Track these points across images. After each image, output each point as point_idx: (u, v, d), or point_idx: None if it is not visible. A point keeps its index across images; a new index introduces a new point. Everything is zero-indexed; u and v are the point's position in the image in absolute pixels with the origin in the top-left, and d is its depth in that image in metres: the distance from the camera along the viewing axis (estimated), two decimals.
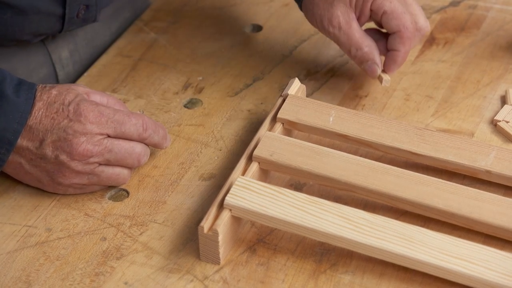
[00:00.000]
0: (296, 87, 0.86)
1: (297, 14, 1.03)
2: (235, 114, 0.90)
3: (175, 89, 0.94)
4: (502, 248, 0.73)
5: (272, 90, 0.93)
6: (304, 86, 0.88)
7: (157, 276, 0.74)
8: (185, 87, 0.94)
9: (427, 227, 0.74)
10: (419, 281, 0.72)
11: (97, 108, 0.78)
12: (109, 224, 0.78)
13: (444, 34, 0.99)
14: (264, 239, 0.76)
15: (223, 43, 1.00)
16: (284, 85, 0.93)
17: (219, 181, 0.82)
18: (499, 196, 0.76)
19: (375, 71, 0.87)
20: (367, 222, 0.72)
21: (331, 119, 0.83)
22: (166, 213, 0.80)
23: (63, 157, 0.77)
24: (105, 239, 0.77)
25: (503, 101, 0.90)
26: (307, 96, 0.91)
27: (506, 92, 0.90)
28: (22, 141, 0.77)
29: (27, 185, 0.82)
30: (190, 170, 0.84)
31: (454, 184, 0.76)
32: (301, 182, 0.82)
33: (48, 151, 0.77)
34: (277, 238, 0.76)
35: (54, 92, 0.78)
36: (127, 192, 0.82)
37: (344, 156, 0.79)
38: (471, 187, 0.77)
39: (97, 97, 0.80)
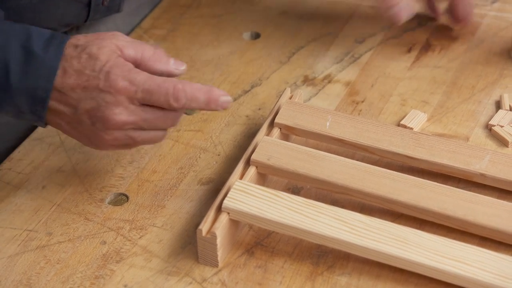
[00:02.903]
0: (286, 96, 0.87)
1: (295, 21, 1.04)
2: (233, 119, 0.91)
3: None
4: (496, 249, 0.74)
5: (270, 96, 0.94)
6: (301, 91, 0.89)
7: (156, 278, 0.75)
8: None
9: (423, 230, 0.75)
10: (414, 283, 0.73)
11: (129, 75, 0.74)
12: (109, 228, 0.79)
13: (439, 40, 1.00)
14: (262, 242, 0.77)
15: (221, 50, 1.01)
16: (281, 91, 0.94)
17: (217, 186, 0.83)
18: (494, 198, 0.77)
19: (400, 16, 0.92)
20: (363, 224, 0.73)
21: (328, 124, 0.84)
22: (165, 217, 0.80)
23: (99, 125, 0.75)
24: (105, 242, 0.78)
25: (498, 106, 0.91)
26: (304, 102, 0.92)
27: (500, 97, 0.91)
28: (58, 106, 0.75)
29: (28, 190, 0.83)
30: (189, 174, 0.85)
31: (449, 187, 0.77)
32: (298, 185, 0.83)
33: (84, 118, 0.76)
34: (274, 240, 0.77)
35: (84, 56, 0.75)
36: (127, 197, 0.83)
37: (340, 160, 0.80)
38: (466, 190, 0.78)
39: (130, 51, 0.76)
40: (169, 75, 0.77)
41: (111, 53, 0.75)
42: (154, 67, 0.77)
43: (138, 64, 0.76)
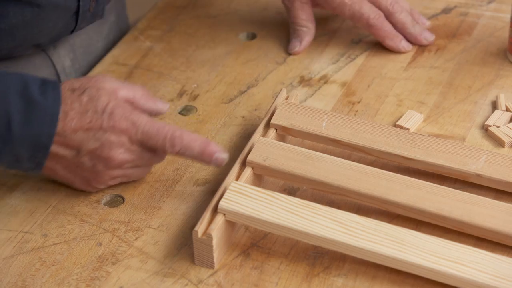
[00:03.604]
0: (282, 97, 0.87)
1: None
2: (230, 120, 0.91)
3: (170, 96, 0.95)
4: (492, 250, 0.74)
5: (266, 97, 0.94)
6: (297, 92, 0.89)
7: (152, 280, 0.74)
8: (180, 94, 0.95)
9: (419, 230, 0.74)
10: (411, 283, 0.73)
11: (131, 116, 0.77)
12: (105, 229, 0.79)
13: (436, 40, 1.00)
14: (258, 243, 0.77)
15: (217, 51, 1.01)
16: (277, 92, 0.94)
17: (213, 187, 0.83)
18: (490, 199, 0.76)
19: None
20: (359, 225, 0.73)
21: (324, 124, 0.84)
22: (161, 218, 0.80)
23: (101, 166, 0.78)
24: (100, 244, 0.78)
25: (494, 106, 0.91)
26: (300, 103, 0.92)
27: (497, 97, 0.91)
28: (58, 149, 0.77)
29: (24, 192, 0.83)
30: (185, 176, 0.85)
31: (446, 187, 0.77)
32: (295, 186, 0.82)
33: (86, 160, 0.78)
34: (270, 242, 0.77)
35: (85, 98, 0.77)
36: (123, 198, 0.82)
37: (337, 161, 0.80)
38: (462, 190, 0.77)
39: (124, 93, 0.79)
40: (157, 113, 0.82)
41: (110, 94, 0.78)
42: (145, 106, 0.81)
43: (131, 104, 0.79)
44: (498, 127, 0.87)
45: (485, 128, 0.88)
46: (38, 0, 0.85)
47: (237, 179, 0.79)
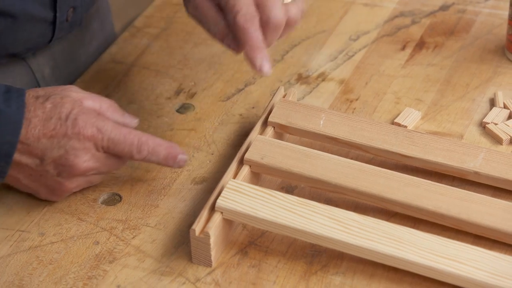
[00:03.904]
0: (280, 95, 0.87)
1: None
2: (227, 118, 0.91)
3: (167, 94, 0.95)
4: (490, 248, 0.74)
5: (263, 94, 0.94)
6: (295, 90, 0.89)
7: (149, 279, 0.74)
8: (178, 92, 0.95)
9: (417, 228, 0.74)
10: (409, 281, 0.73)
11: (96, 122, 0.76)
12: (102, 228, 0.79)
13: (433, 38, 1.00)
14: (256, 242, 0.77)
15: (215, 49, 1.01)
16: (275, 90, 0.93)
17: (211, 185, 0.83)
18: (488, 197, 0.76)
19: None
20: (357, 223, 0.73)
21: (321, 122, 0.84)
22: (158, 216, 0.80)
23: (65, 174, 0.77)
24: (98, 243, 0.78)
25: (492, 103, 0.90)
26: (298, 100, 0.92)
27: (494, 94, 0.91)
28: (21, 158, 0.76)
29: (20, 191, 0.83)
30: (182, 174, 0.84)
31: (444, 185, 0.77)
32: (292, 184, 0.82)
33: (50, 168, 0.76)
34: (268, 240, 0.77)
35: (48, 105, 0.76)
36: (120, 196, 0.82)
37: (334, 159, 0.80)
38: (460, 188, 0.77)
39: (90, 103, 0.79)
40: (124, 126, 0.79)
41: (74, 101, 0.77)
42: (112, 117, 0.79)
43: (97, 115, 0.78)
44: (496, 124, 0.87)
45: (483, 126, 0.88)
46: (12, 10, 0.84)
47: (234, 177, 0.79)
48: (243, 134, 0.89)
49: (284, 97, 0.88)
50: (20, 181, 0.78)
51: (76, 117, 0.76)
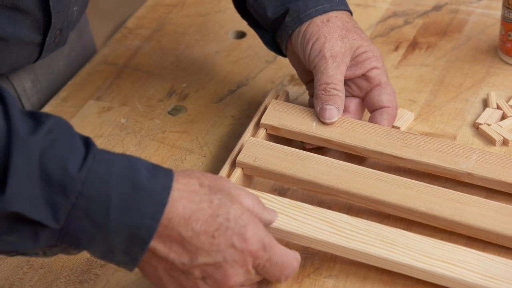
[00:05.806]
0: (272, 96, 0.87)
1: None
2: (220, 120, 0.91)
3: (159, 96, 0.94)
4: (484, 250, 0.74)
5: (256, 96, 0.94)
6: (287, 91, 0.89)
7: (141, 282, 0.74)
8: (170, 94, 0.95)
9: (410, 230, 0.74)
10: (402, 284, 0.72)
11: (263, 238, 0.67)
12: None
13: (426, 38, 1.00)
14: None
15: (207, 50, 1.00)
16: (268, 91, 0.93)
17: None
18: (481, 198, 0.76)
19: (335, 116, 0.82)
20: (350, 226, 0.73)
21: (314, 124, 0.84)
22: None
23: (210, 281, 0.66)
24: None
25: (485, 104, 0.90)
26: (291, 102, 0.91)
27: (487, 95, 0.91)
28: (169, 253, 0.65)
29: None
30: None
31: (436, 187, 0.77)
32: (285, 187, 0.82)
33: (197, 271, 0.66)
34: None
35: (215, 201, 0.66)
36: None
37: (327, 161, 0.79)
38: (453, 189, 0.77)
39: (246, 201, 0.68)
40: (267, 224, 0.72)
41: (241, 204, 0.67)
42: (262, 216, 0.70)
43: (258, 221, 0.69)
44: (489, 125, 0.87)
45: (476, 126, 0.87)
46: (3, 35, 0.83)
47: None
48: (235, 136, 0.88)
49: (276, 98, 0.87)
50: (156, 272, 0.67)
51: (246, 225, 0.66)
